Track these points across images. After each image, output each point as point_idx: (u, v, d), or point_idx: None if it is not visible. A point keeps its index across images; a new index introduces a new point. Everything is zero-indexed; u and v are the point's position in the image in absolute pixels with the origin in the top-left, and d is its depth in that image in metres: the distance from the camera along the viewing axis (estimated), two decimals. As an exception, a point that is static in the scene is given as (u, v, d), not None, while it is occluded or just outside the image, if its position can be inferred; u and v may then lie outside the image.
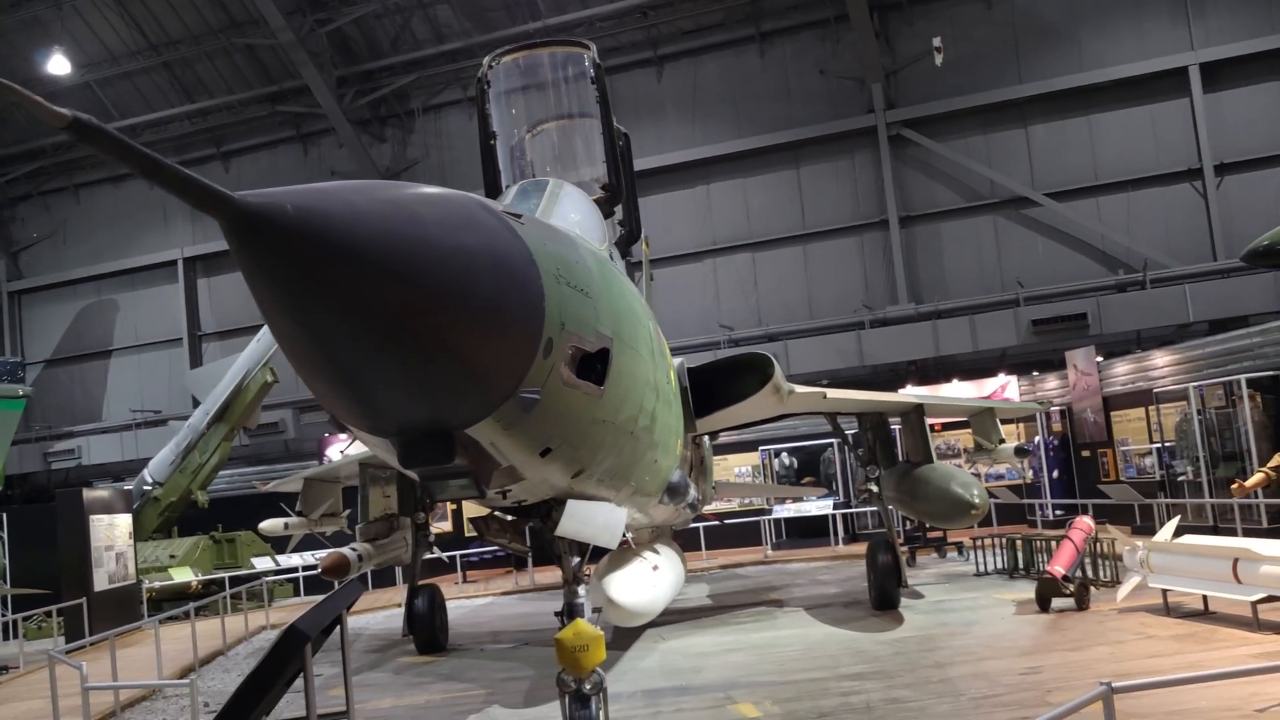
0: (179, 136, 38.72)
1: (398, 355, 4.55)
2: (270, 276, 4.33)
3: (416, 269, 4.42)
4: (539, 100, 10.38)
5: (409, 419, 4.95)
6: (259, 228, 4.17)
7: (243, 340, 36.06)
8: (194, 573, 26.91)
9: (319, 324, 4.43)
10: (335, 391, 4.87)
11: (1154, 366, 24.33)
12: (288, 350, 4.74)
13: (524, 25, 33.84)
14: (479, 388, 4.94)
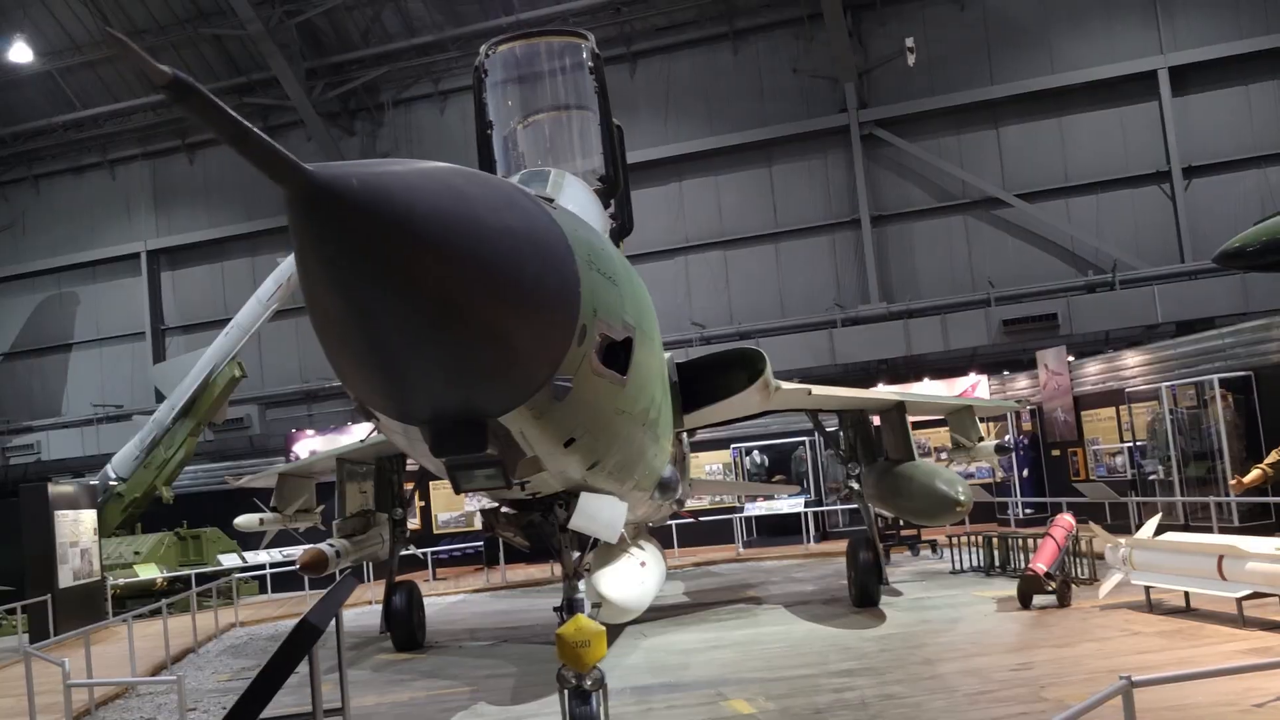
0: (143, 128, 38.20)
1: (442, 337, 4.45)
2: (329, 250, 4.25)
3: (468, 250, 4.33)
4: (536, 90, 10.25)
5: (442, 406, 4.85)
6: (327, 201, 4.08)
7: (207, 334, 35.68)
8: (159, 570, 26.51)
9: (370, 302, 4.33)
10: (370, 375, 4.76)
11: (1125, 366, 24.56)
12: (328, 330, 4.62)
13: (496, 19, 33.72)
14: (516, 374, 4.84)
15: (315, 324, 4.70)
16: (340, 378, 5.02)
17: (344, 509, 17.14)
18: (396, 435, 5.49)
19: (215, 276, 38.23)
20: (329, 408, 36.20)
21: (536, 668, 14.00)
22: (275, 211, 36.82)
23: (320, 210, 4.12)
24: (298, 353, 36.68)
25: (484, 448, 5.01)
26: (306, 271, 4.43)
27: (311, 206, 4.12)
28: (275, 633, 20.82)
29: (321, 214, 4.13)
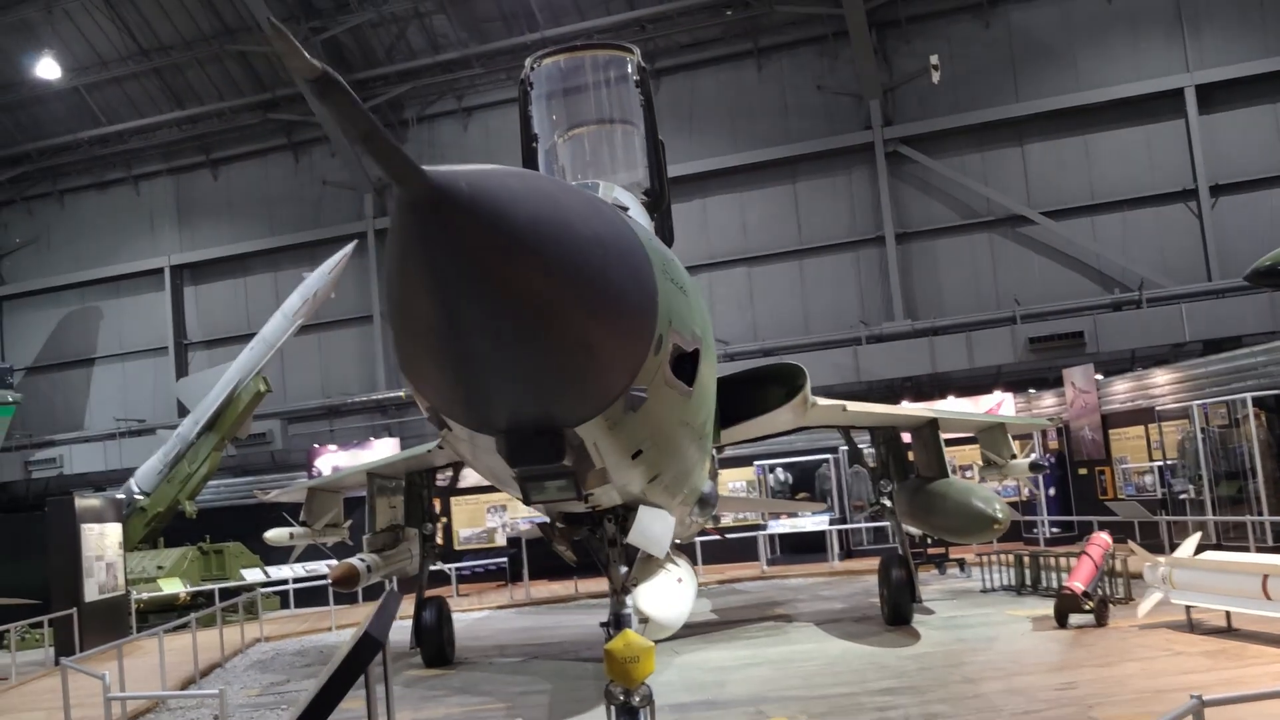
0: (168, 144, 38.39)
1: (532, 344, 4.43)
2: (436, 253, 4.24)
3: (565, 257, 4.33)
4: (582, 103, 10.23)
5: (520, 415, 4.81)
6: (440, 204, 4.08)
7: (229, 350, 35.82)
8: (183, 584, 26.52)
9: (467, 307, 4.31)
10: (453, 383, 4.73)
11: (1154, 385, 24.41)
12: (415, 337, 4.60)
13: (521, 37, 33.82)
14: (597, 383, 4.80)
15: (400, 329, 4.68)
16: (415, 385, 4.97)
17: (374, 524, 17.09)
18: (464, 445, 5.44)
19: (238, 291, 38.34)
20: (351, 423, 36.22)
21: (570, 685, 13.94)
22: (297, 227, 37.08)
23: (433, 213, 4.11)
24: (320, 368, 36.77)
25: (561, 458, 4.97)
26: (405, 275, 4.42)
27: (425, 209, 4.11)
28: (300, 648, 20.79)
29: (434, 217, 4.12)
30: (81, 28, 35.78)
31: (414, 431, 34.93)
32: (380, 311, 35.97)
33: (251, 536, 29.82)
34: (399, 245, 4.33)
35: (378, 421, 36.00)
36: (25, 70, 35.91)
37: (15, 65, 36.39)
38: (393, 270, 4.44)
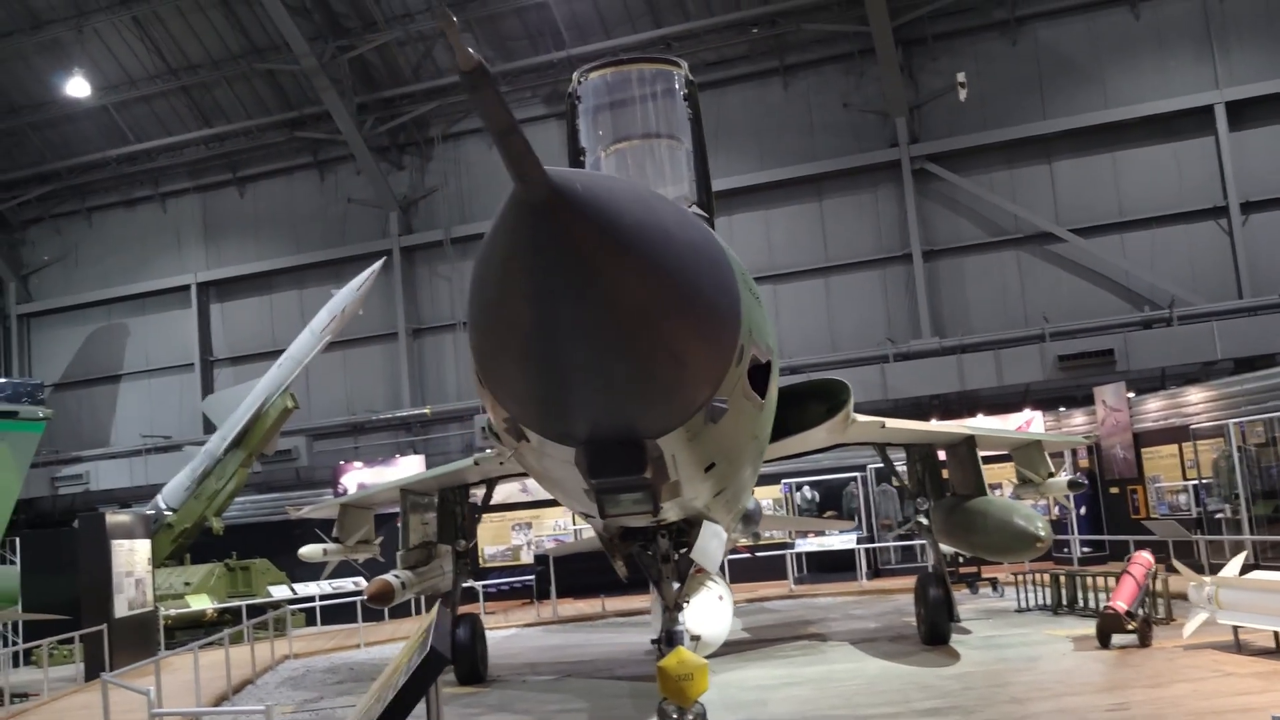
0: (194, 161, 38.61)
1: (628, 351, 4.37)
2: (543, 254, 4.20)
3: (666, 263, 4.28)
4: (630, 116, 10.19)
5: (603, 425, 4.74)
6: (556, 205, 4.03)
7: (255, 367, 35.91)
8: (210, 600, 26.52)
9: (566, 310, 4.27)
10: (537, 390, 4.67)
11: (1188, 403, 24.19)
12: (501, 341, 4.56)
13: (547, 55, 33.98)
14: (683, 393, 4.74)
15: (488, 335, 4.62)
16: (494, 395, 4.88)
17: (407, 540, 17.03)
18: (538, 458, 5.34)
19: (264, 309, 38.46)
20: (376, 440, 36.24)
21: (607, 703, 13.84)
22: (323, 245, 37.20)
23: (549, 214, 4.05)
24: (345, 385, 36.82)
25: (643, 470, 4.90)
26: (508, 276, 4.37)
27: (542, 209, 4.06)
28: (331, 665, 20.73)
29: (549, 217, 4.06)
30: (111, 47, 36.04)
31: (438, 449, 34.96)
32: (406, 328, 36.05)
33: (277, 553, 29.92)
34: (506, 245, 4.28)
35: (402, 439, 36.01)
36: (55, 89, 36.16)
37: (46, 84, 36.67)
38: (492, 272, 4.38)
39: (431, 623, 7.42)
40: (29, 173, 39.66)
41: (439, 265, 36.56)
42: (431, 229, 36.35)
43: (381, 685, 7.38)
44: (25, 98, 37.87)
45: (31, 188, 39.99)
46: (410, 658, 6.67)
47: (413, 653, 6.84)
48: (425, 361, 36.64)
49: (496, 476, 17.47)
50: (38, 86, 37.16)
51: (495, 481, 17.69)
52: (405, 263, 36.25)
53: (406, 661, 6.81)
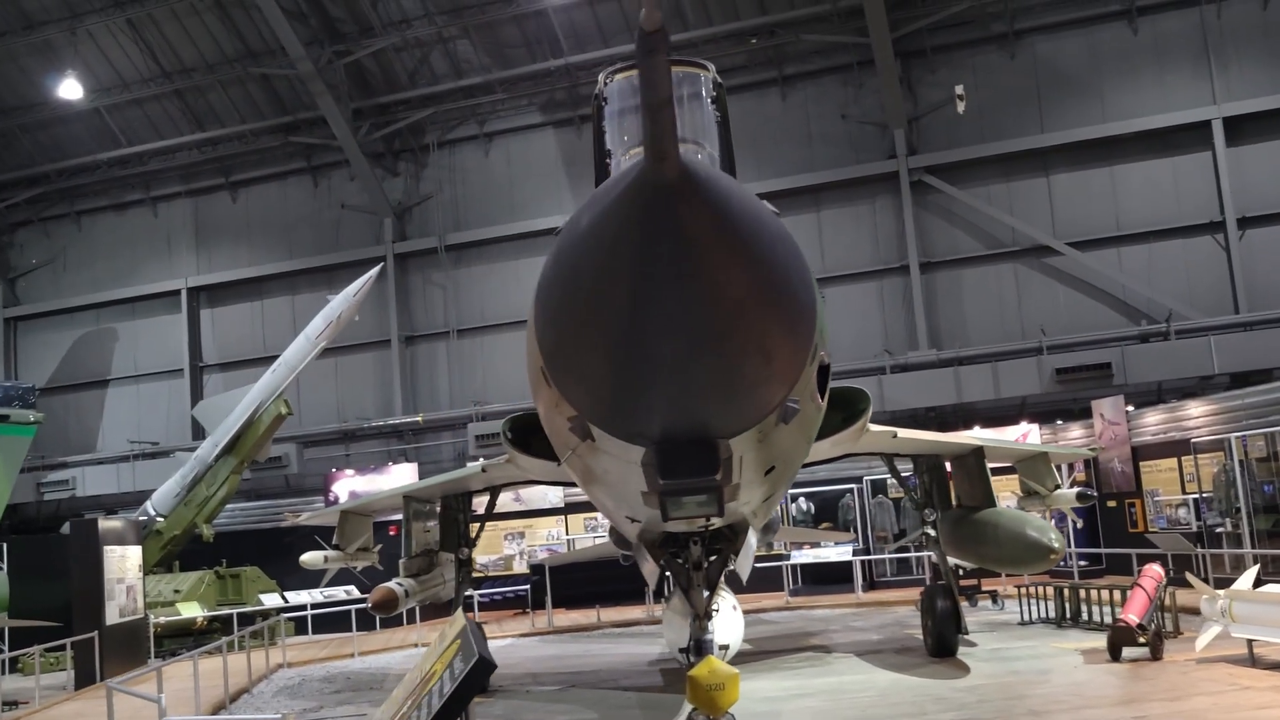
0: (186, 165, 38.35)
1: (719, 345, 4.20)
2: (657, 239, 4.00)
3: (766, 256, 4.14)
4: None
5: (679, 424, 4.57)
6: (685, 189, 3.86)
7: (246, 373, 35.63)
8: (200, 608, 26.21)
9: (667, 299, 4.08)
10: (614, 386, 4.48)
11: (1188, 417, 24.17)
12: (583, 332, 4.36)
13: (544, 63, 33.90)
14: (763, 392, 4.60)
15: (566, 327, 4.42)
16: (564, 390, 4.70)
17: (409, 548, 16.82)
18: (598, 459, 5.14)
19: (255, 315, 38.17)
20: (367, 448, 35.98)
21: (616, 713, 13.68)
22: (316, 251, 36.95)
23: (675, 198, 3.88)
24: (337, 392, 36.56)
25: (715, 470, 4.75)
26: (607, 263, 4.14)
27: (669, 192, 3.89)
28: (327, 674, 20.46)
29: (675, 202, 3.89)
30: (104, 49, 35.77)
31: (430, 457, 34.74)
32: (399, 336, 35.81)
33: (267, 560, 29.66)
34: (618, 226, 4.06)
35: (394, 447, 35.77)
36: (47, 91, 35.84)
37: (37, 86, 36.37)
38: (589, 256, 4.18)
39: (464, 629, 7.29)
40: (18, 175, 39.37)
41: (433, 273, 36.36)
42: (426, 236, 36.15)
43: (413, 694, 7.22)
44: (16, 99, 37.54)
45: (20, 190, 39.67)
46: (447, 666, 6.52)
47: (449, 661, 6.69)
48: (418, 369, 36.41)
49: (501, 484, 17.31)
50: (29, 88, 36.85)
51: (499, 489, 17.53)
52: (399, 270, 36.03)
53: (443, 670, 6.66)
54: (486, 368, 35.45)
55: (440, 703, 5.46)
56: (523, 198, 35.54)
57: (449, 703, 5.38)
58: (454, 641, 7.17)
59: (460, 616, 8.45)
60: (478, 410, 33.94)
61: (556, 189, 35.25)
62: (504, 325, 35.39)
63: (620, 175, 4.19)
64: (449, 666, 6.27)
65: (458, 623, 8.26)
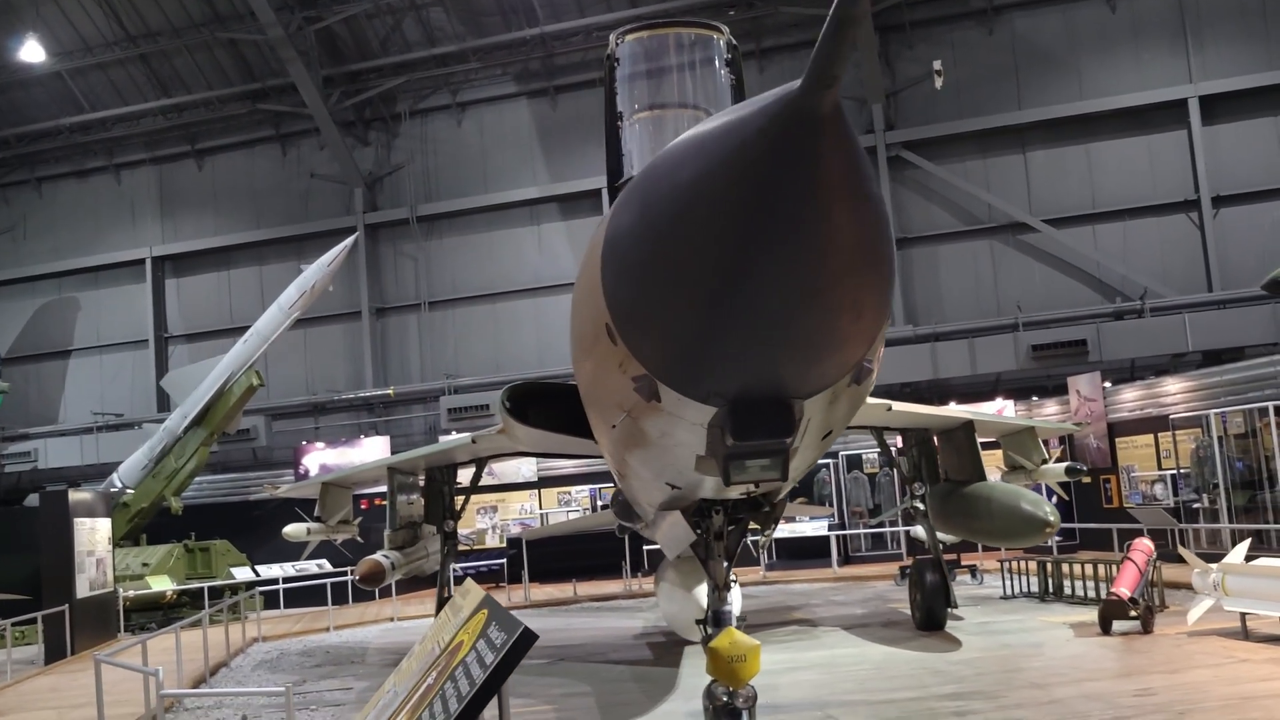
0: (151, 132, 37.54)
1: (823, 297, 3.97)
2: (785, 176, 3.66)
3: (878, 202, 3.92)
4: (672, 81, 9.85)
5: (757, 383, 4.34)
6: (831, 121, 3.59)
7: (212, 344, 35.10)
8: (170, 581, 25.80)
9: (777, 246, 3.79)
10: (695, 341, 4.21)
11: (1165, 393, 24.32)
12: (660, 282, 4.08)
13: (520, 31, 33.46)
14: (849, 349, 4.40)
15: (646, 276, 4.14)
16: (634, 345, 4.44)
17: (395, 520, 16.58)
18: (659, 421, 4.88)
19: (221, 285, 37.54)
20: (336, 420, 35.56)
21: (611, 687, 13.53)
22: (284, 221, 36.37)
23: (821, 130, 3.58)
24: (306, 364, 36.07)
25: (791, 432, 4.54)
26: (712, 203, 3.79)
27: (819, 124, 3.57)
28: (305, 648, 20.18)
29: (820, 134, 3.59)
30: (67, 11, 34.87)
31: (401, 430, 34.40)
32: (369, 307, 35.36)
33: (236, 534, 29.27)
34: (745, 161, 3.69)
35: (364, 420, 35.38)
36: (8, 54, 34.91)
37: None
38: (699, 197, 3.83)
39: (487, 599, 7.08)
40: (-25, 140, 38.43)
41: (404, 244, 35.91)
42: (397, 206, 35.68)
43: (433, 665, 7.01)
44: (-24, 61, 36.59)
45: (-22, 156, 38.74)
46: (477, 636, 6.32)
47: (477, 632, 6.49)
48: (388, 341, 36.00)
49: (486, 456, 17.09)
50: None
51: (485, 461, 17.30)
52: (369, 241, 35.53)
53: (472, 640, 6.46)
54: (458, 341, 35.11)
55: (486, 673, 5.25)
56: (496, 169, 35.14)
57: (492, 676, 5.18)
58: (478, 611, 6.97)
59: (475, 586, 8.23)
60: (450, 383, 33.62)
61: (530, 160, 34.91)
62: (476, 298, 35.10)
63: (754, 104, 3.78)
64: (481, 637, 6.07)
65: (474, 592, 8.05)
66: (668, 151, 4.10)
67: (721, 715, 7.84)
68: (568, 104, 34.76)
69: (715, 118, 3.98)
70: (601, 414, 5.70)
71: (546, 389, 11.78)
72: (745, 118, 3.75)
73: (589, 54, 33.97)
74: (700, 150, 3.88)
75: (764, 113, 3.68)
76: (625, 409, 5.05)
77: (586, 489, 31.02)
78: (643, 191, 4.08)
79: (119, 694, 12.02)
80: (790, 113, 3.59)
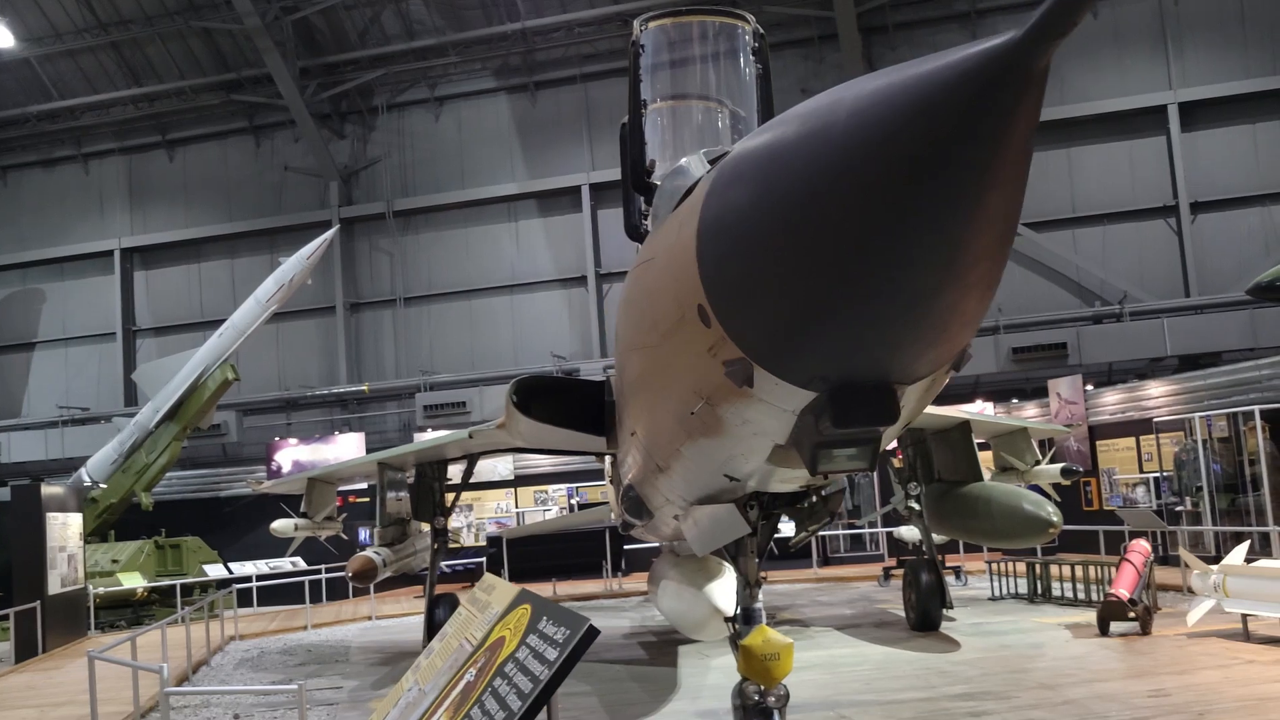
0: (121, 121, 36.93)
1: (965, 273, 3.72)
2: (977, 138, 3.31)
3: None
4: (698, 71, 9.69)
5: (867, 367, 4.13)
6: (1039, 81, 3.32)
7: (182, 338, 34.63)
8: (141, 578, 25.32)
9: (935, 217, 3.49)
10: (813, 321, 3.93)
11: (1147, 397, 24.43)
12: (788, 253, 3.76)
13: (501, 26, 33.18)
14: (966, 331, 4.21)
15: (765, 250, 3.84)
16: (733, 325, 4.18)
17: (385, 516, 16.30)
18: (734, 408, 4.67)
19: (191, 278, 36.97)
20: (309, 416, 35.10)
21: (611, 686, 13.34)
22: (257, 213, 35.92)
23: (1025, 88, 3.30)
24: (279, 359, 35.57)
25: (894, 419, 4.35)
26: (873, 164, 3.42)
27: (1025, 82, 3.28)
28: (284, 646, 19.85)
29: (1022, 93, 3.30)
30: (38, -4, 34.25)
31: (376, 427, 34.03)
32: (344, 302, 34.94)
33: (207, 530, 28.81)
34: (919, 120, 3.31)
35: (337, 416, 34.94)
36: (-25, 38, 34.22)
37: (-36, 32, 34.69)
38: (848, 161, 3.47)
39: (524, 593, 6.86)
40: (-60, 128, 37.62)
41: (379, 239, 35.51)
42: (373, 201, 35.30)
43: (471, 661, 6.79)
44: (-59, 47, 35.79)
45: (-58, 144, 37.92)
46: (526, 633, 6.12)
47: (525, 628, 6.28)
48: (363, 337, 35.59)
49: (477, 452, 16.83)
50: (-45, 35, 35.14)
51: (476, 458, 17.04)
52: (344, 235, 35.06)
53: (517, 638, 6.25)
54: (434, 337, 34.76)
55: (551, 670, 5.06)
56: (473, 164, 34.84)
57: (556, 674, 5.00)
58: (515, 606, 6.76)
59: (500, 581, 8.02)
60: (425, 380, 33.27)
61: (508, 156, 34.63)
62: (452, 294, 34.77)
63: (942, 59, 3.37)
64: (532, 633, 5.86)
65: (501, 587, 7.84)
66: (805, 116, 3.76)
67: (753, 715, 7.62)
68: (548, 100, 34.50)
69: (874, 76, 3.58)
70: (671, 402, 5.45)
71: (550, 383, 11.53)
72: (932, 73, 3.34)
73: (570, 50, 33.75)
74: (866, 110, 3.46)
75: (962, 67, 3.29)
76: (704, 395, 4.84)
77: (564, 488, 30.78)
78: (769, 161, 3.80)
79: (102, 691, 11.67)
80: (1001, 67, 3.24)
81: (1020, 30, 3.17)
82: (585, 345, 33.44)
